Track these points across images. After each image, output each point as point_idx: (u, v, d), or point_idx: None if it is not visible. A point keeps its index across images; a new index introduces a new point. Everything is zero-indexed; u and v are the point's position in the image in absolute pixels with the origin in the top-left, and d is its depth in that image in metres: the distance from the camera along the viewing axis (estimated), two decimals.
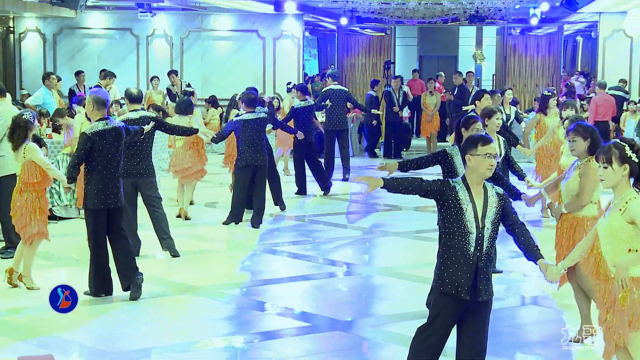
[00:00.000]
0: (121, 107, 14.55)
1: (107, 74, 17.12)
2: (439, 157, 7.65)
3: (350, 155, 20.01)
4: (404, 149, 20.91)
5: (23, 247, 8.58)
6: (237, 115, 12.03)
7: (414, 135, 22.90)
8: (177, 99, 17.62)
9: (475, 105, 10.32)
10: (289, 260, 10.21)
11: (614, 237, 5.18)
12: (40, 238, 8.64)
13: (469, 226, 5.27)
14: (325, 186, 14.67)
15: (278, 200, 13.07)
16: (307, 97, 14.79)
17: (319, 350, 7.09)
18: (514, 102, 15.88)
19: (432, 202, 5.49)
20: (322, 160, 15.47)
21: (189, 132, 10.54)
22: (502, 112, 8.98)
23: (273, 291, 8.87)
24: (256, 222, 11.82)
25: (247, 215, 12.00)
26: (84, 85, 17.77)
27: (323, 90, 16.39)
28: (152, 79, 19.78)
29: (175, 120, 12.10)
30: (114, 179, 8.27)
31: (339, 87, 16.22)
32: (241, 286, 9.00)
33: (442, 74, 23.62)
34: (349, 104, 16.60)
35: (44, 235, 8.65)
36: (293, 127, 13.95)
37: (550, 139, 11.45)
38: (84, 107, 10.14)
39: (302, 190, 14.57)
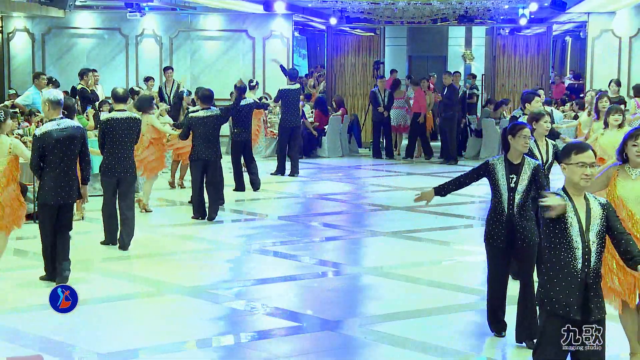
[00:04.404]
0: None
1: (82, 72, 16.59)
2: (480, 171, 7.13)
3: (340, 155, 20.11)
4: (395, 149, 20.88)
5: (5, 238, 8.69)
6: (193, 111, 12.36)
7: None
8: (170, 99, 17.43)
9: (525, 108, 10.01)
10: (278, 260, 10.19)
11: None
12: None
13: (575, 240, 4.95)
14: (249, 186, 14.73)
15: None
16: (246, 95, 14.96)
17: (308, 350, 7.07)
18: (546, 102, 16.04)
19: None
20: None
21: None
22: (550, 116, 8.75)
23: (262, 291, 8.85)
24: (213, 212, 12.07)
25: (222, 213, 11.99)
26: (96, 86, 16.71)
27: (279, 90, 16.84)
28: (146, 79, 19.28)
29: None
30: (67, 176, 8.52)
31: (296, 86, 16.70)
32: (230, 286, 8.97)
33: (434, 74, 23.63)
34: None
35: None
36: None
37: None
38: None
39: (239, 187, 14.63)
